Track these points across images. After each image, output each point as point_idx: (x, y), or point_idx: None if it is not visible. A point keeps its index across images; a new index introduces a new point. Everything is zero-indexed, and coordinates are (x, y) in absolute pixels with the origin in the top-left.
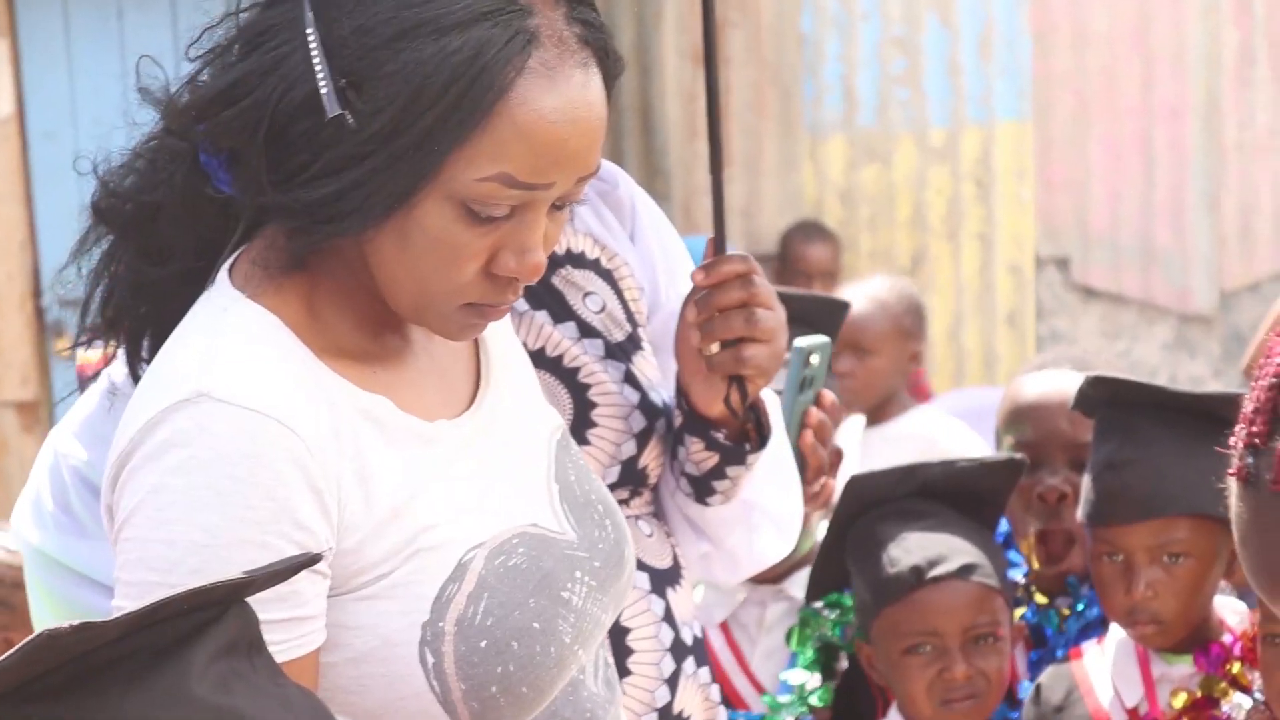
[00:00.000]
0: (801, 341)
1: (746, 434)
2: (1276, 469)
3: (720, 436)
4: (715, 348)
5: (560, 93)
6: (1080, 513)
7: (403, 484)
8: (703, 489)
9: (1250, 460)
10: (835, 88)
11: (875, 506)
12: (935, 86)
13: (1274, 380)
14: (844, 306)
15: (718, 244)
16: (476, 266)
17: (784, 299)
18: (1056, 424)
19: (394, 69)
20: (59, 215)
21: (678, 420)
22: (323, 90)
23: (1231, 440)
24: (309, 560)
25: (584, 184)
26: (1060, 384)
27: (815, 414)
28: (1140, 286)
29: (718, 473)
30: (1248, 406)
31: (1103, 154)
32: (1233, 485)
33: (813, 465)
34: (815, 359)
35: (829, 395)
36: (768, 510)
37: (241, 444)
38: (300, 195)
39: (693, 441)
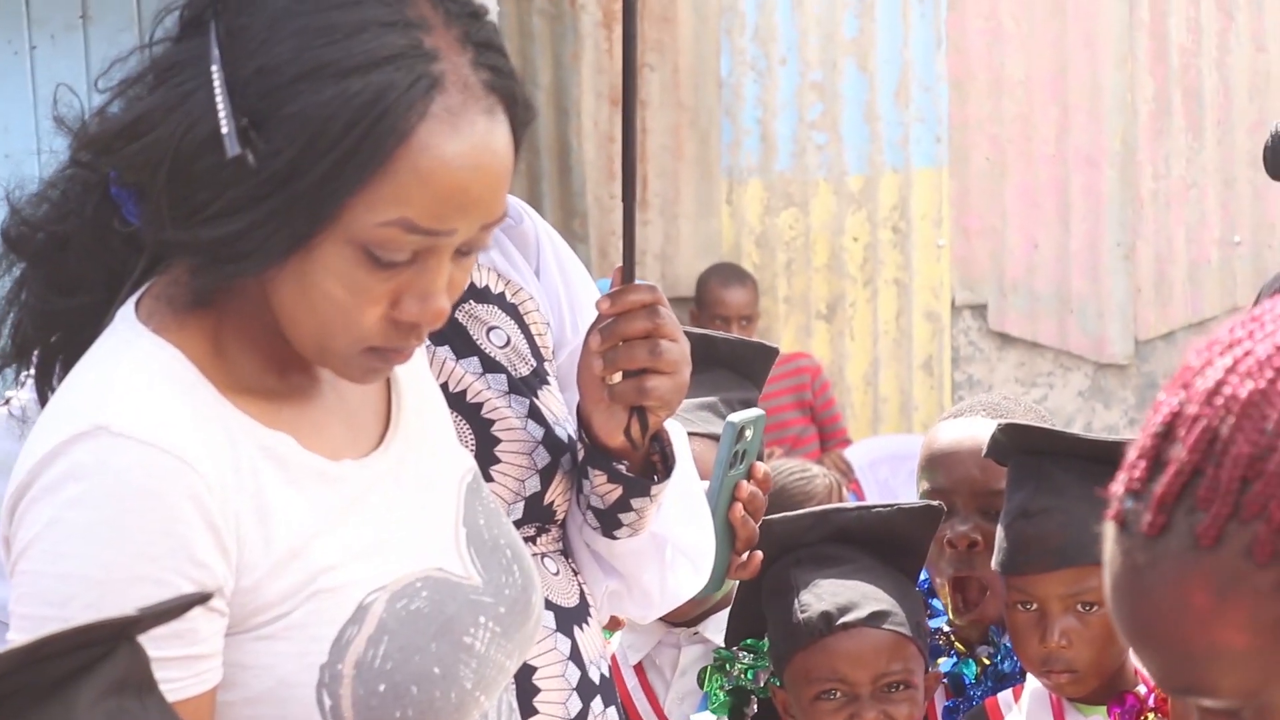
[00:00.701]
0: (735, 416)
1: (652, 466)
2: (1153, 512)
3: (622, 468)
4: (617, 377)
5: (464, 138)
6: (994, 561)
7: (304, 523)
8: (609, 522)
9: (1129, 504)
10: (753, 132)
11: (791, 551)
12: (852, 132)
13: (1161, 428)
14: (772, 352)
15: (626, 273)
16: (378, 311)
17: (710, 342)
18: (967, 471)
19: (294, 110)
20: None
21: (580, 453)
22: (224, 129)
23: (1112, 485)
24: (199, 598)
25: (489, 230)
26: (972, 431)
27: (746, 487)
28: (1056, 334)
29: (622, 505)
30: (1132, 452)
31: (1019, 202)
32: (1108, 530)
33: (742, 537)
34: (749, 433)
35: (761, 467)
36: (678, 543)
37: (139, 479)
38: (200, 233)
39: (595, 474)
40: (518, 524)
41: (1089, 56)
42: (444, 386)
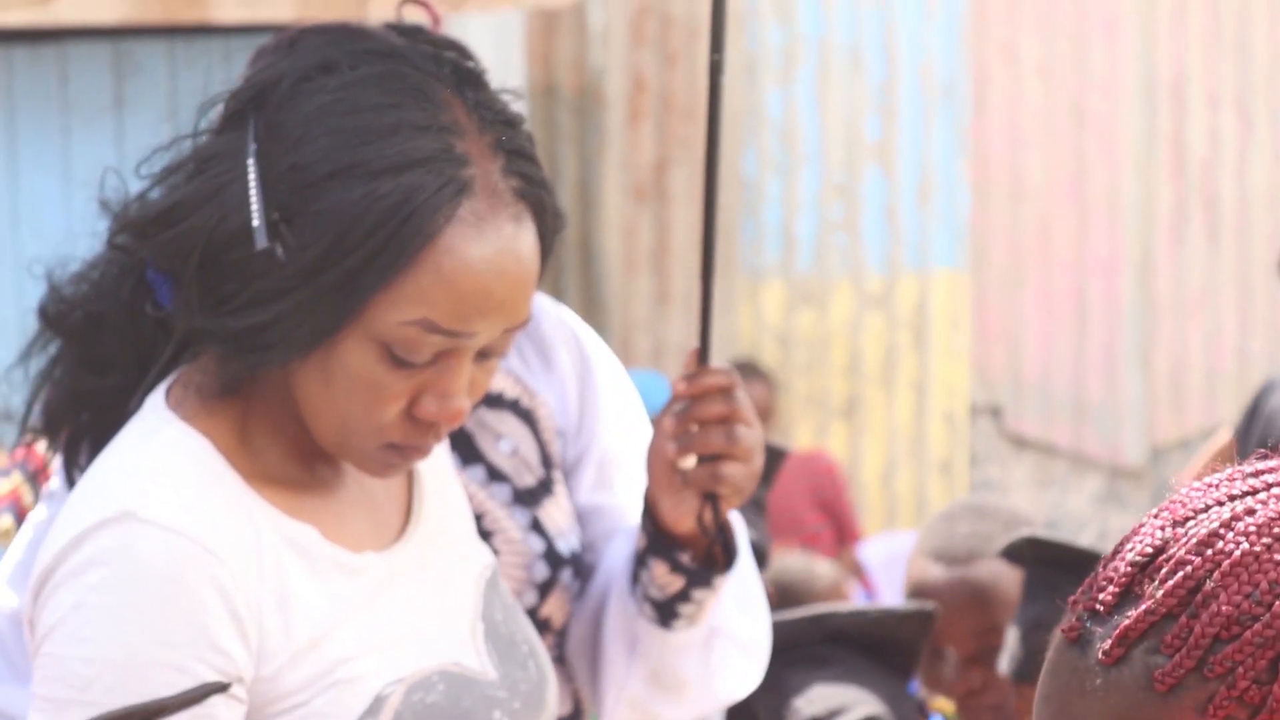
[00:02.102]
0: None
1: (712, 556)
2: (1114, 643)
3: (686, 559)
4: (691, 462)
5: (489, 243)
6: (1006, 668)
7: (324, 614)
8: (666, 613)
9: (1087, 625)
10: (774, 231)
11: (785, 651)
12: (873, 233)
13: (1140, 559)
14: (780, 453)
15: (702, 354)
16: (398, 408)
17: None
18: (956, 618)
19: (323, 207)
20: None
21: (641, 543)
22: (254, 222)
23: (1072, 597)
24: (219, 687)
25: (512, 335)
26: (955, 575)
27: None
28: (1071, 438)
29: (683, 596)
30: (1102, 571)
31: (1037, 305)
32: (1058, 640)
33: None
34: None
35: None
36: (734, 634)
37: (164, 566)
38: (227, 323)
39: (656, 564)
40: None
41: (1108, 164)
42: None
